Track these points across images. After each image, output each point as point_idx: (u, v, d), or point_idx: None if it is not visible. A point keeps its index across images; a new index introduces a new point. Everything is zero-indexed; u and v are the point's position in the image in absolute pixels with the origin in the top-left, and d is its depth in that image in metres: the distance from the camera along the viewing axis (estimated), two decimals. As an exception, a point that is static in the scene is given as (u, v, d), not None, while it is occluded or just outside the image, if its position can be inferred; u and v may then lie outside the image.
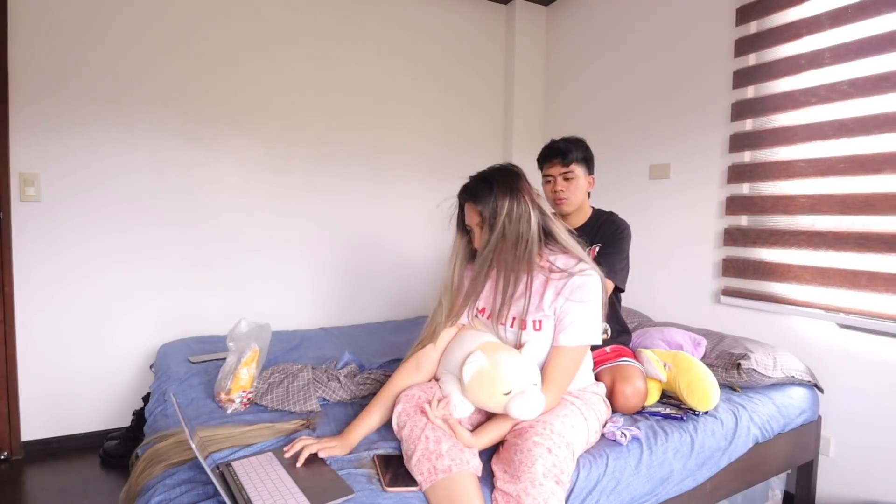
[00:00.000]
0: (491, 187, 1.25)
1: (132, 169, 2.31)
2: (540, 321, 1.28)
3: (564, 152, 1.70)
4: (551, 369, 1.25)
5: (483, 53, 3.13)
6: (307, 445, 1.18)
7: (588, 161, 1.74)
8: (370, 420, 1.30)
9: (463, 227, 1.36)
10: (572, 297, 1.24)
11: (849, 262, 1.78)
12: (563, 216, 1.77)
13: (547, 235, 1.30)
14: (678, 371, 1.61)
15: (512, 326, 1.31)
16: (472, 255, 1.36)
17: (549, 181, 1.75)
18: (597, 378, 1.53)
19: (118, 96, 2.27)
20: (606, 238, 1.71)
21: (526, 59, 3.14)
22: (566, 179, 1.71)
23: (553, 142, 1.76)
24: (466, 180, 1.33)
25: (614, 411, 1.51)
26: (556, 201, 1.74)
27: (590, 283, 1.25)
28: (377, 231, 2.90)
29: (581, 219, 1.78)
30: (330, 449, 1.19)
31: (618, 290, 1.74)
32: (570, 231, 1.36)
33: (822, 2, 1.84)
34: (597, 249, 1.71)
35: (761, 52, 2.04)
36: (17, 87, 2.10)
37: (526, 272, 1.27)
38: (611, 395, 1.51)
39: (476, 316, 1.39)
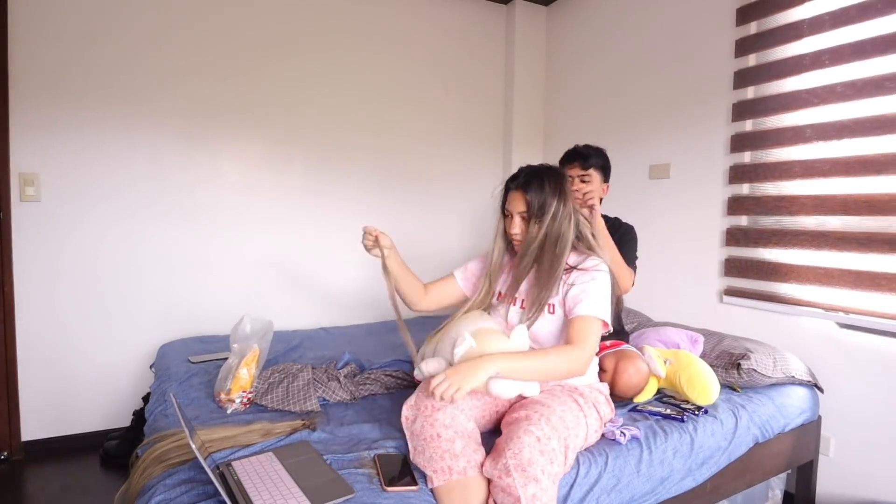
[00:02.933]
0: (543, 183, 1.33)
1: (132, 169, 2.31)
2: (553, 305, 1.35)
3: (585, 156, 1.84)
4: (574, 332, 1.27)
5: (483, 53, 3.13)
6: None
7: (605, 169, 1.88)
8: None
9: (503, 212, 1.43)
10: (579, 278, 1.33)
11: (852, 262, 1.78)
12: None
13: (578, 238, 1.39)
14: (678, 366, 1.62)
15: (535, 312, 1.35)
16: (507, 237, 1.43)
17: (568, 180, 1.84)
18: (600, 363, 1.57)
19: (118, 96, 2.27)
20: (615, 240, 1.78)
21: (526, 59, 3.14)
22: (583, 181, 1.83)
23: (577, 146, 1.90)
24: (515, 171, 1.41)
25: (616, 393, 1.54)
26: None
27: (599, 266, 1.34)
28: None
29: None
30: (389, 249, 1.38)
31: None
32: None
33: (822, 2, 1.84)
34: None
35: (762, 52, 2.04)
36: (17, 87, 2.10)
37: (557, 268, 1.34)
38: (613, 377, 1.55)
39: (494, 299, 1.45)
